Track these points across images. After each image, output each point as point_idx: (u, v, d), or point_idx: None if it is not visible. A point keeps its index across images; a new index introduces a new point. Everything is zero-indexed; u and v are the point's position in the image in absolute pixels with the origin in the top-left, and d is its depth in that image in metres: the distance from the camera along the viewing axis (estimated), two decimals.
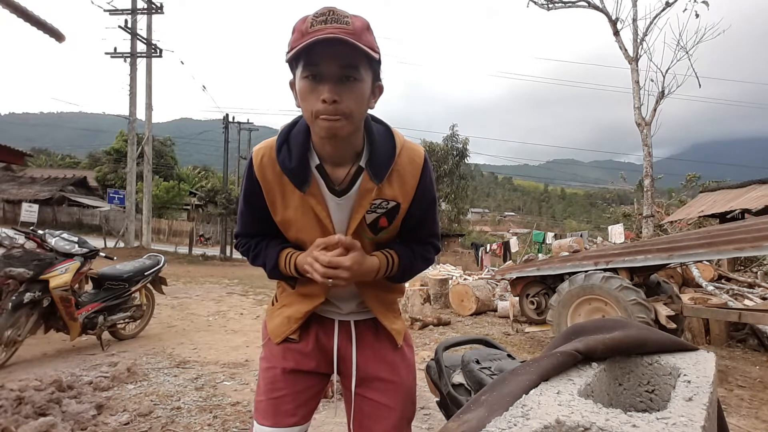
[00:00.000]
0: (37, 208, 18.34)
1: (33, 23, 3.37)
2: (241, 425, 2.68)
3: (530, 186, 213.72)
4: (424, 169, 1.11)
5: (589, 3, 13.05)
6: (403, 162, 1.08)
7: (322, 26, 0.90)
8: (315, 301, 1.17)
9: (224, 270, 13.91)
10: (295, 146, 1.05)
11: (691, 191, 18.70)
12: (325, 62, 0.92)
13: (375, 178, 1.05)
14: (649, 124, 12.00)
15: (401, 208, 1.10)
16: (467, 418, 0.62)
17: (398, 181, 1.08)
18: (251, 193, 1.10)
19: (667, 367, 0.84)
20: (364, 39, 0.93)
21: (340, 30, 0.90)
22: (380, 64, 1.01)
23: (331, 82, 0.92)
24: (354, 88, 0.94)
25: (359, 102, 0.96)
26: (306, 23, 0.92)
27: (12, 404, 2.54)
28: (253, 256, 1.18)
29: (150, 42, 19.02)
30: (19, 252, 3.62)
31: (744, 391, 3.63)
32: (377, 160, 1.05)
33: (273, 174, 1.07)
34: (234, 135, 28.04)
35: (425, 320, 6.07)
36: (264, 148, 1.08)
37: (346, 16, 0.92)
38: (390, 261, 1.12)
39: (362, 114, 1.00)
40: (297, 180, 1.05)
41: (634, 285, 4.07)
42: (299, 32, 0.92)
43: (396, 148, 1.08)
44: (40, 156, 51.84)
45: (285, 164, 1.05)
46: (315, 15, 0.92)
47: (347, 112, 0.94)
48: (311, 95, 0.94)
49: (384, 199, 1.08)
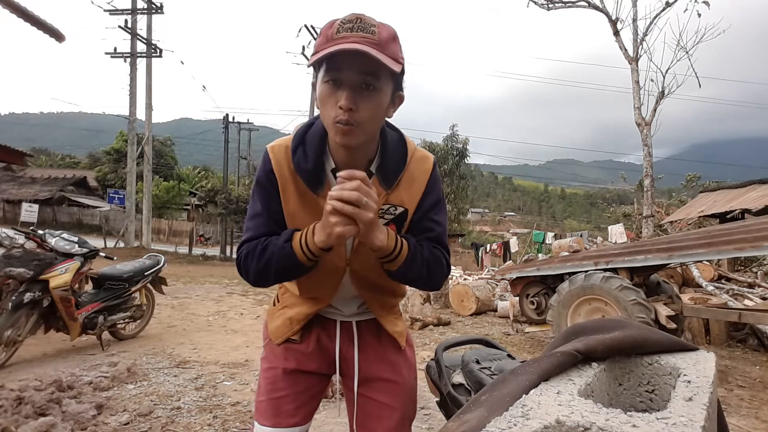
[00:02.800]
0: (37, 208, 18.34)
1: (33, 23, 3.37)
2: (241, 425, 2.68)
3: (530, 186, 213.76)
4: (432, 175, 1.11)
5: (589, 3, 13.05)
6: (413, 169, 1.09)
7: (347, 33, 0.90)
8: (318, 304, 1.17)
9: (224, 270, 13.91)
10: (311, 149, 1.05)
11: (691, 191, 18.72)
12: (346, 69, 0.91)
13: (384, 184, 1.06)
14: (649, 124, 12.00)
15: (409, 214, 1.11)
16: (467, 418, 0.62)
17: (407, 187, 1.09)
18: (267, 188, 1.08)
19: (667, 367, 0.84)
20: (389, 49, 0.92)
21: (365, 40, 0.89)
22: (403, 74, 1.00)
23: (350, 90, 0.92)
24: (372, 97, 0.94)
25: (376, 111, 0.96)
26: (333, 28, 0.92)
27: (12, 404, 2.54)
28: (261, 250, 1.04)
29: (150, 42, 19.02)
30: (19, 252, 3.62)
31: (744, 391, 3.63)
32: (388, 166, 1.06)
33: (288, 172, 1.07)
34: (234, 135, 28.05)
35: (425, 320, 6.07)
36: (279, 146, 1.08)
37: (373, 25, 0.91)
38: (399, 239, 1.04)
39: (378, 124, 1.00)
40: (311, 182, 1.05)
41: (634, 285, 4.07)
42: (325, 36, 0.92)
43: (407, 155, 1.09)
44: (40, 156, 51.86)
45: (300, 165, 1.04)
46: (342, 21, 0.92)
47: (362, 120, 0.94)
48: (330, 100, 0.94)
49: (392, 204, 1.08)
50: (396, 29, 0.97)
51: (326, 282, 1.15)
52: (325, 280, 1.14)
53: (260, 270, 1.04)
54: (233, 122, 27.10)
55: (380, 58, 0.88)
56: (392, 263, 1.04)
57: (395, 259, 1.03)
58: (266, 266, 1.03)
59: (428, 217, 1.13)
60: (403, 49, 0.99)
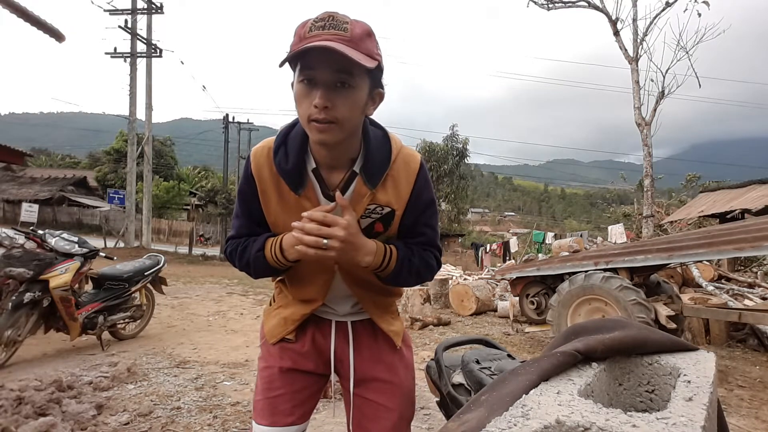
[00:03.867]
0: (37, 208, 18.33)
1: (33, 23, 3.37)
2: (241, 425, 2.68)
3: (530, 186, 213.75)
4: (419, 174, 1.09)
5: (589, 3, 13.05)
6: (399, 168, 1.07)
7: (319, 32, 0.90)
8: (312, 305, 1.18)
9: (224, 270, 13.90)
10: (293, 149, 1.04)
11: (691, 191, 18.72)
12: (319, 68, 0.91)
13: (369, 184, 1.04)
14: (649, 124, 12.00)
15: (396, 215, 1.09)
16: (467, 418, 0.62)
17: (393, 186, 1.07)
18: (247, 192, 1.10)
19: (667, 367, 0.84)
20: (363, 46, 0.92)
21: (336, 37, 0.89)
22: (381, 71, 1.00)
23: (324, 88, 0.92)
24: (347, 95, 0.93)
25: (352, 109, 0.95)
26: (305, 28, 0.92)
27: (12, 404, 2.54)
28: (241, 251, 1.12)
29: (150, 42, 19.03)
30: (19, 252, 3.62)
31: (744, 391, 3.63)
32: (372, 165, 1.05)
33: (269, 174, 1.07)
34: (234, 135, 28.02)
35: (425, 320, 6.07)
36: (262, 148, 1.09)
37: (345, 22, 0.91)
38: (387, 252, 1.06)
39: (355, 121, 0.99)
40: (292, 182, 1.05)
41: (634, 285, 4.07)
42: (298, 36, 0.92)
43: (392, 153, 1.07)
44: (40, 156, 51.86)
45: (281, 166, 1.05)
46: (315, 20, 0.92)
47: (339, 118, 0.93)
48: (305, 99, 0.94)
49: (378, 204, 1.06)
50: (371, 26, 0.95)
51: (316, 282, 1.15)
52: (315, 280, 1.14)
53: (242, 268, 1.15)
54: (233, 122, 27.09)
55: (351, 54, 0.87)
56: (381, 273, 1.08)
57: (383, 270, 1.07)
58: (246, 267, 1.13)
59: (420, 221, 1.12)
60: (380, 45, 0.98)
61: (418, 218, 1.12)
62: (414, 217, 1.11)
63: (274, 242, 1.08)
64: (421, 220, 1.12)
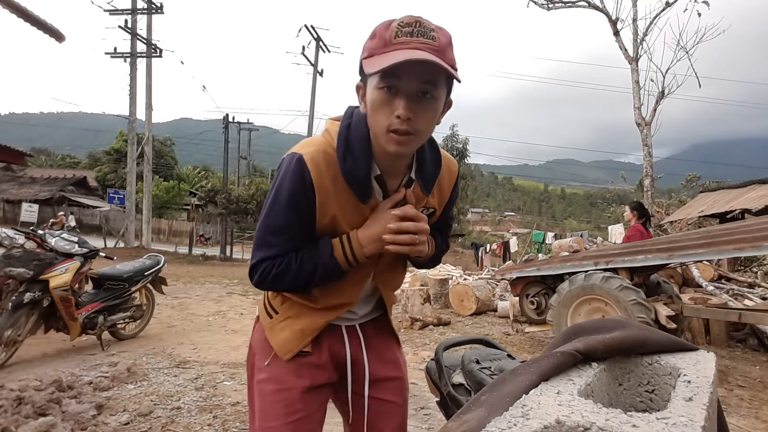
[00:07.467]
0: (37, 208, 18.35)
1: (33, 23, 3.37)
2: (241, 425, 2.68)
3: (530, 186, 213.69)
4: (458, 178, 1.20)
5: (589, 3, 13.05)
6: (443, 172, 1.13)
7: (407, 38, 0.86)
8: (340, 310, 1.11)
9: (224, 270, 13.90)
10: (360, 156, 0.98)
11: (691, 191, 18.71)
12: (406, 77, 0.86)
13: (424, 190, 1.08)
14: (649, 124, 12.00)
15: (435, 213, 1.17)
16: (467, 418, 0.62)
17: (438, 190, 1.13)
18: (303, 203, 0.98)
19: (667, 367, 0.84)
20: (448, 56, 0.88)
21: (426, 46, 0.85)
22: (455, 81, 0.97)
23: (408, 98, 0.88)
24: (429, 106, 0.91)
25: (431, 120, 0.93)
26: (390, 31, 0.87)
27: (12, 404, 2.54)
28: (297, 266, 1.01)
29: (150, 42, 19.02)
30: (19, 252, 3.62)
31: (744, 391, 3.63)
32: (426, 172, 1.08)
33: (330, 182, 0.99)
34: (234, 135, 28.04)
35: (425, 320, 6.07)
36: (318, 153, 0.99)
37: (432, 30, 0.87)
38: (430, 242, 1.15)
39: (431, 132, 0.98)
40: (361, 191, 1.00)
41: (634, 285, 4.07)
42: (381, 39, 0.87)
43: (441, 160, 1.12)
44: (40, 156, 51.83)
45: (352, 173, 0.98)
46: (400, 24, 0.87)
47: (418, 129, 0.91)
48: (385, 107, 0.89)
49: (426, 207, 1.12)
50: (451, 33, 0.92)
51: (354, 284, 1.11)
52: (354, 282, 1.10)
53: (299, 284, 1.03)
54: (233, 122, 27.11)
55: (445, 67, 0.84)
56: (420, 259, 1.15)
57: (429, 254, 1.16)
58: (308, 281, 1.02)
59: (447, 214, 1.24)
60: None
61: (447, 214, 1.24)
62: (444, 213, 1.22)
63: (344, 243, 1.02)
64: (449, 216, 1.26)
